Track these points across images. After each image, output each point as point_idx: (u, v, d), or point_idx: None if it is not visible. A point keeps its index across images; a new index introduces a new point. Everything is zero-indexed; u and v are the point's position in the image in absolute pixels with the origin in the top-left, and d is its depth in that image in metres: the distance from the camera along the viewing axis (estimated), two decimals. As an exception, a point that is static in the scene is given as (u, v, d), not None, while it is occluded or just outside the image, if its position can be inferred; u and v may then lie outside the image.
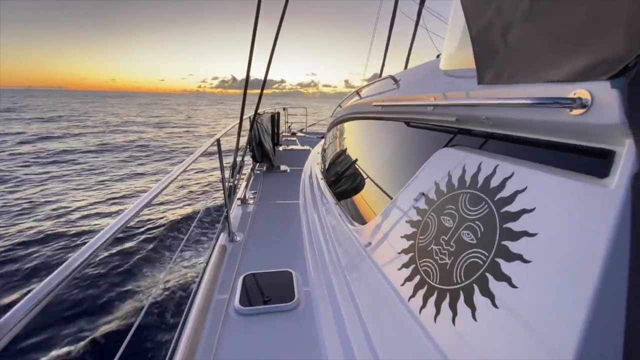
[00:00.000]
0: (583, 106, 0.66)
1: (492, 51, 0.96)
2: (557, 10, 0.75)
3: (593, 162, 0.70)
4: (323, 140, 4.98)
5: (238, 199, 2.91)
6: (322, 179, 3.07)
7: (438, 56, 1.93)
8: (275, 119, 5.50)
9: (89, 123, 26.13)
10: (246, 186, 3.48)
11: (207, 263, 1.90)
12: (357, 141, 2.59)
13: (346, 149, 2.84)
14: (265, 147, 4.09)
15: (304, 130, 10.28)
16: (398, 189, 1.47)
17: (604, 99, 0.62)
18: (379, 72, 5.49)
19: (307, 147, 6.34)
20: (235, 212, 2.72)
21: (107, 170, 10.61)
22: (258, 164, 4.38)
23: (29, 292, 0.61)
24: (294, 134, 9.02)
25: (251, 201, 3.01)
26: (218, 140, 1.95)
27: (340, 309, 1.39)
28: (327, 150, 3.74)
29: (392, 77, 2.02)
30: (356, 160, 2.41)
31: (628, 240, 0.57)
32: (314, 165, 4.12)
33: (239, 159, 3.14)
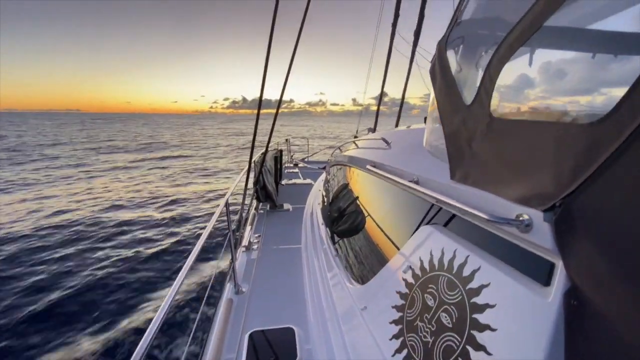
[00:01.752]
0: (527, 225, 0.81)
1: (461, 153, 1.14)
2: (506, 140, 0.92)
3: (541, 266, 0.84)
4: (324, 174, 5.17)
5: (243, 246, 3.05)
6: (322, 224, 3.22)
7: (425, 119, 2.12)
8: (278, 157, 5.73)
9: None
10: (250, 228, 3.62)
11: (215, 317, 2.02)
12: (355, 191, 2.75)
13: (345, 197, 2.99)
14: (269, 188, 4.27)
15: (306, 160, 10.55)
16: (391, 249, 1.61)
17: (540, 226, 0.78)
18: (385, 93, 5.77)
19: (309, 181, 6.54)
20: (240, 258, 2.85)
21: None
22: (261, 203, 4.55)
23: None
24: (296, 165, 9.26)
25: (255, 246, 3.15)
26: (227, 202, 2.12)
27: None
28: (327, 193, 3.90)
29: (384, 140, 2.21)
30: (354, 211, 2.55)
31: (562, 342, 0.70)
32: (315, 205, 4.28)
33: (245, 209, 3.31)
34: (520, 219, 0.82)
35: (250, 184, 4.09)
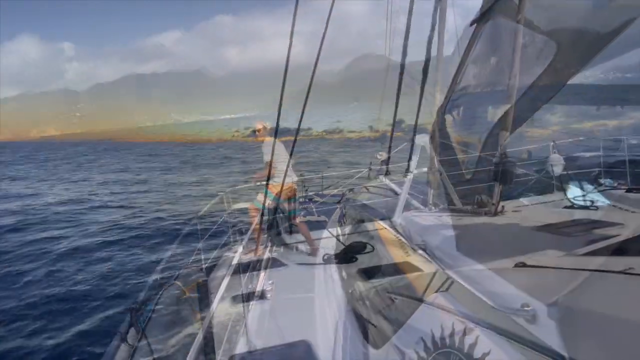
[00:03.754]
0: (533, 316, 0.79)
1: (465, 228, 1.14)
2: (507, 225, 0.92)
3: (550, 357, 0.81)
4: (338, 210, 5.13)
5: (255, 297, 3.01)
6: (335, 271, 3.16)
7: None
8: (291, 197, 5.73)
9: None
10: (263, 275, 3.58)
11: None
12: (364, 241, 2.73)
13: (359, 235, 2.94)
14: (282, 231, 4.27)
15: (320, 193, 10.51)
16: (403, 308, 1.56)
17: (545, 320, 0.76)
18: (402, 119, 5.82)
19: (324, 218, 6.49)
20: (252, 311, 2.80)
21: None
22: (275, 246, 4.53)
23: None
24: (310, 200, 9.22)
25: (269, 295, 3.10)
26: (239, 261, 2.15)
27: None
28: (342, 230, 3.84)
29: (394, 191, 2.23)
30: (368, 252, 2.50)
31: None
32: (329, 245, 4.23)
33: (258, 255, 3.31)
34: (526, 308, 0.80)
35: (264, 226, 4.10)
